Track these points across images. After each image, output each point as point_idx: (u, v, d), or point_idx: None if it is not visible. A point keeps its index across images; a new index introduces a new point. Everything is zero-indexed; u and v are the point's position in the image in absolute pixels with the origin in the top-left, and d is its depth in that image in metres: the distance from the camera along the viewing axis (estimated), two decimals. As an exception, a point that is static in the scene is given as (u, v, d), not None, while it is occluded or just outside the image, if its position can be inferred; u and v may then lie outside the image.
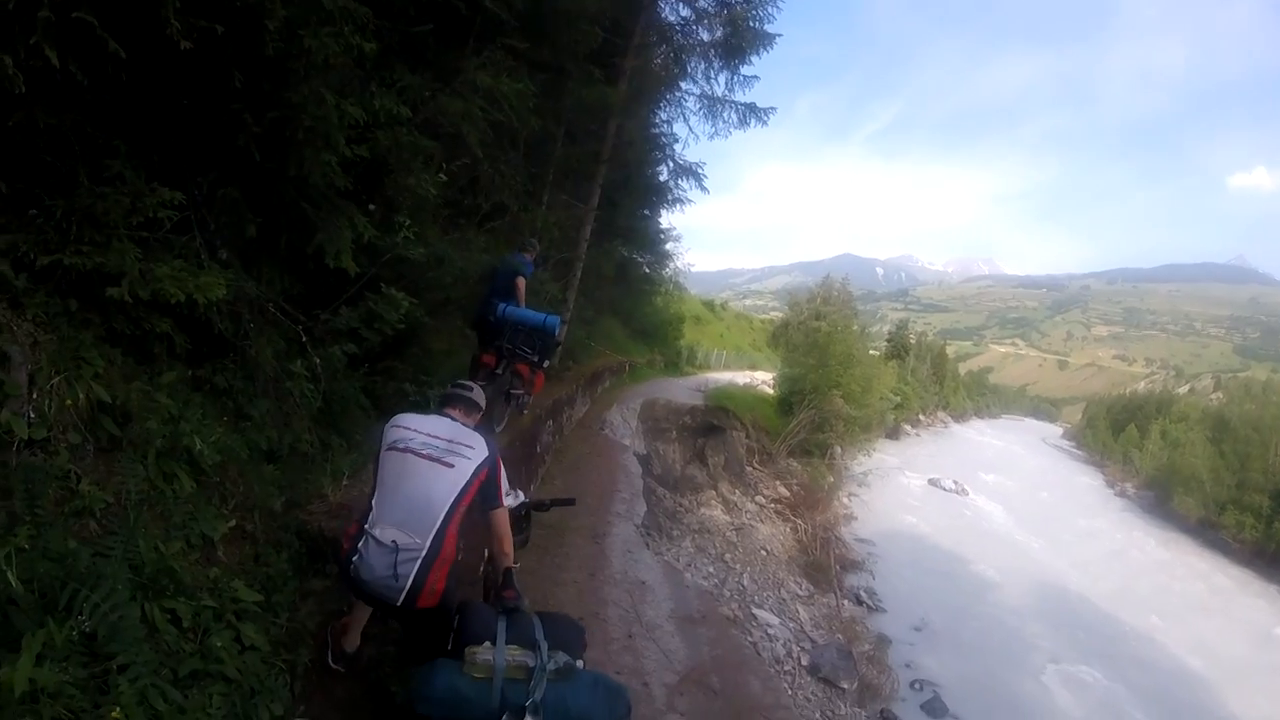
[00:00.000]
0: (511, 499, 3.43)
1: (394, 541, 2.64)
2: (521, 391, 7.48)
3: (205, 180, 3.43)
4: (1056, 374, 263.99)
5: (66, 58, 2.53)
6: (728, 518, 13.03)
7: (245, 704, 2.50)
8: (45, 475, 2.34)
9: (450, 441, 2.87)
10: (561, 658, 2.49)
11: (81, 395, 2.57)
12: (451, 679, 2.43)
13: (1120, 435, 55.97)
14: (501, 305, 6.99)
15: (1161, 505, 37.68)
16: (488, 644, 2.47)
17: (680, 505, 12.08)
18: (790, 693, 6.94)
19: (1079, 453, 67.97)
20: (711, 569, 9.48)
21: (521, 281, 7.29)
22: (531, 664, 2.44)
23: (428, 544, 2.65)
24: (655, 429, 15.05)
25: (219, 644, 2.53)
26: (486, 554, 3.33)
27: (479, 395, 3.31)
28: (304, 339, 4.21)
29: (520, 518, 3.68)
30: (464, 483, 2.77)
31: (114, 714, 1.91)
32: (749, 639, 7.53)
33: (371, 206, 4.83)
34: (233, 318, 3.61)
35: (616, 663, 5.44)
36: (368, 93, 4.23)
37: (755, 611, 8.74)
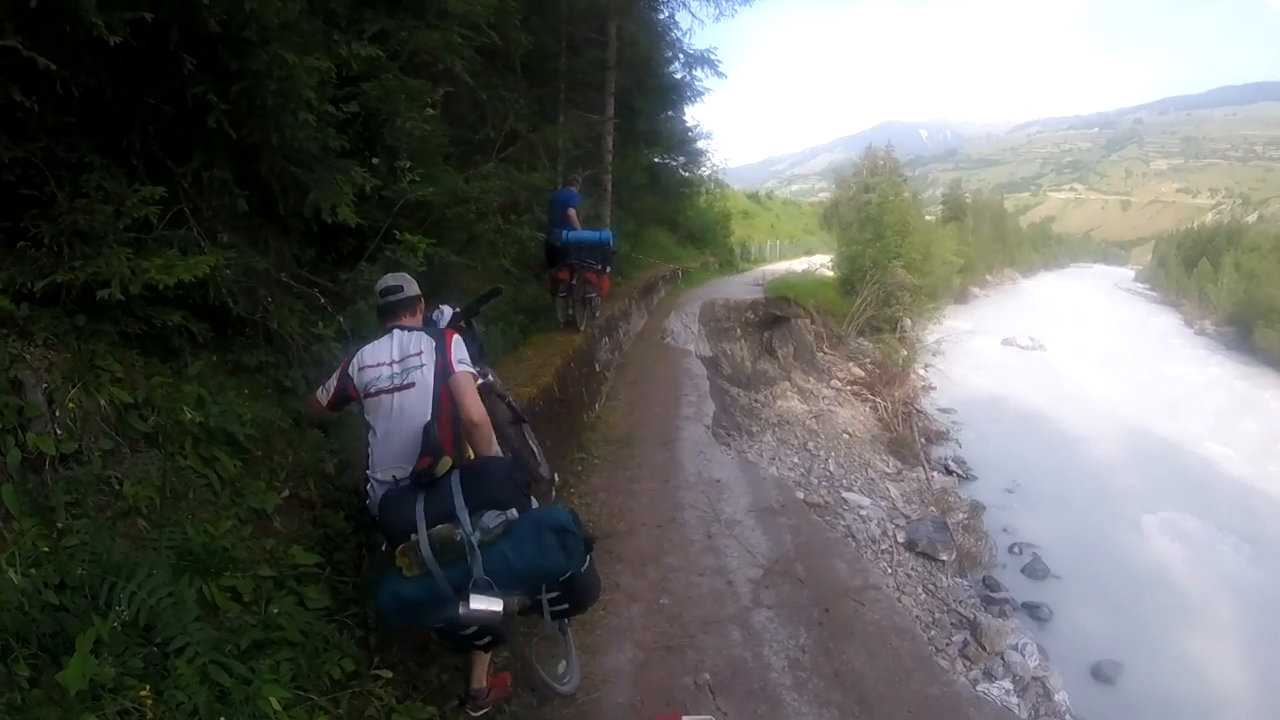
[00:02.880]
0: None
1: (394, 478, 2.72)
2: (594, 294, 9.12)
3: (189, 169, 3.39)
4: (1121, 215, 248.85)
5: (8, 87, 2.48)
6: (805, 406, 12.96)
7: (312, 664, 2.57)
8: (81, 484, 2.39)
9: (402, 361, 2.86)
10: (491, 518, 2.35)
11: (103, 402, 2.62)
12: (392, 587, 2.37)
13: (1193, 272, 53.30)
14: (563, 232, 8.57)
15: (1244, 340, 35.86)
16: (413, 536, 2.37)
17: (756, 401, 12.08)
18: (890, 571, 6.94)
19: (1154, 294, 65.01)
20: (796, 459, 9.49)
21: (573, 211, 8.85)
22: (459, 537, 2.30)
23: None
24: (719, 330, 14.92)
25: (276, 610, 2.60)
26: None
27: (410, 284, 3.17)
28: (323, 301, 4.22)
29: (463, 328, 3.59)
30: (432, 393, 2.77)
31: (144, 693, 1.90)
32: (842, 523, 7.52)
33: (375, 160, 4.78)
34: (247, 296, 3.61)
35: (699, 564, 5.44)
36: (331, 44, 4.12)
37: (845, 495, 8.72)
